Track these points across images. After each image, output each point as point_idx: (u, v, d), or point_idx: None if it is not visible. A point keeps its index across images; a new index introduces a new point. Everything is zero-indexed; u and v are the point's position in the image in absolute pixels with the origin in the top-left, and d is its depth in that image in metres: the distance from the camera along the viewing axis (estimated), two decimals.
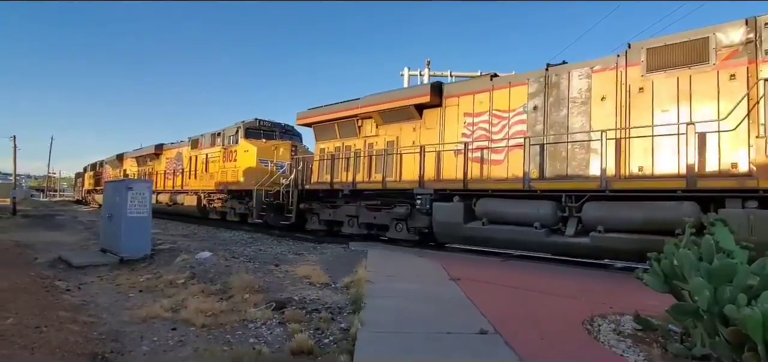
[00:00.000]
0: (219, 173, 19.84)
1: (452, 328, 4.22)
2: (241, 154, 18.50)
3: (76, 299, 6.57)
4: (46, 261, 9.71)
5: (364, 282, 6.38)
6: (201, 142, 22.01)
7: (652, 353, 3.64)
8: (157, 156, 27.38)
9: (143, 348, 4.52)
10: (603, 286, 6.72)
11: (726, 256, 3.60)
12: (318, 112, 15.17)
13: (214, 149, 20.58)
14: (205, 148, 21.49)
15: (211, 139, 20.98)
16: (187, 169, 22.95)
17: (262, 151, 18.00)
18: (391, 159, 12.58)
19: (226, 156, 19.50)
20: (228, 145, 19.41)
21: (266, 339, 4.61)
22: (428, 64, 22.49)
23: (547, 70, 9.87)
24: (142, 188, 10.57)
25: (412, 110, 12.16)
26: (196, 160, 22.21)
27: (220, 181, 19.57)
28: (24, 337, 4.30)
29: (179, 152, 24.73)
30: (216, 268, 8.02)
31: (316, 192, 14.76)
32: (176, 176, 24.33)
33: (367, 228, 13.15)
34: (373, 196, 12.84)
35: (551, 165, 9.57)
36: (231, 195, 18.82)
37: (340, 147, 14.48)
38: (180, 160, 24.42)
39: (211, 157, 20.85)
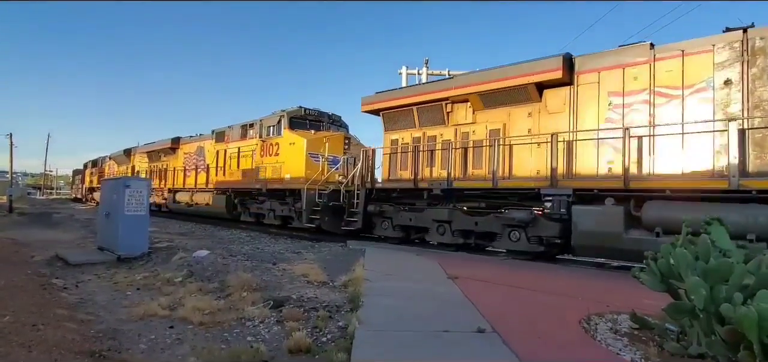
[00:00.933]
0: (254, 169, 17.14)
1: (450, 327, 4.23)
2: (285, 147, 15.71)
3: (74, 297, 6.56)
4: (43, 260, 9.69)
5: (362, 280, 6.38)
6: (229, 134, 19.40)
7: (649, 352, 3.66)
8: (173, 150, 24.61)
9: (141, 346, 4.52)
10: (600, 285, 6.74)
11: (722, 255, 3.62)
12: (390, 97, 12.89)
13: (248, 142, 17.92)
14: (235, 141, 18.79)
15: (242, 131, 18.45)
16: (212, 164, 20.21)
17: (313, 144, 15.03)
18: (498, 151, 10.07)
19: (264, 149, 16.70)
20: (267, 136, 16.58)
21: (264, 337, 4.62)
22: (426, 63, 22.49)
23: (745, 32, 7.67)
24: (139, 186, 10.56)
25: (530, 90, 9.84)
26: (224, 155, 19.35)
27: (257, 178, 16.82)
28: (21, 335, 4.29)
29: (200, 146, 21.89)
30: (213, 266, 8.01)
31: (388, 191, 12.53)
32: (198, 173, 21.49)
33: (463, 236, 10.83)
34: (476, 197, 10.56)
35: (761, 156, 7.33)
36: (270, 195, 16.35)
37: (420, 137, 12.18)
38: (202, 154, 21.62)
39: (243, 151, 18.14)
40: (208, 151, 21.07)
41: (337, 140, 15.65)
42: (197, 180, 21.55)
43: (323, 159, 14.82)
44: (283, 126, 15.97)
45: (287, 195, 15.46)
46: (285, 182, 15.47)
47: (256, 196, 17.22)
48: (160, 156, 26.49)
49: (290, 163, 15.34)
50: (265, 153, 16.73)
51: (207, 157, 21.06)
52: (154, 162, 27.45)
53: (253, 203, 17.53)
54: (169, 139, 24.87)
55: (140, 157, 29.41)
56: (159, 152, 26.45)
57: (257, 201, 17.26)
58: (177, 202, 23.11)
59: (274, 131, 16.43)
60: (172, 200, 23.55)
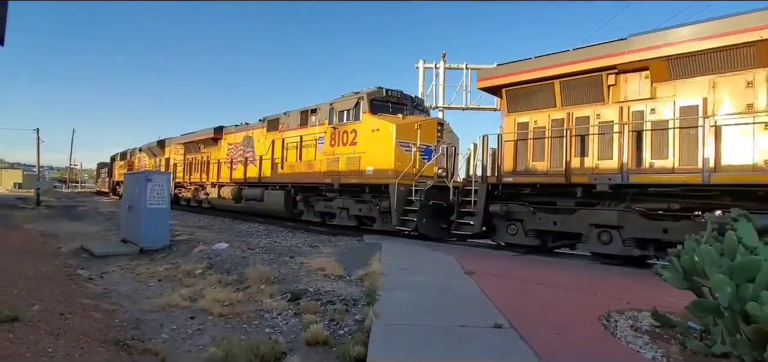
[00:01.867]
0: (323, 161, 14.61)
1: (466, 322, 4.22)
2: (365, 134, 13.19)
3: (98, 287, 6.76)
4: (69, 251, 10.00)
5: (378, 274, 6.41)
6: (284, 121, 17.02)
7: (671, 350, 3.59)
8: (215, 141, 22.12)
9: (163, 335, 4.64)
10: (620, 282, 6.63)
11: (749, 253, 3.51)
12: (518, 69, 10.21)
13: (311, 130, 15.44)
14: (293, 129, 16.36)
15: (301, 117, 16.03)
16: (266, 156, 17.66)
17: (403, 131, 12.43)
18: (705, 134, 7.51)
19: (335, 138, 14.16)
20: (340, 122, 14.02)
21: (282, 329, 4.69)
22: (444, 57, 22.31)
23: None
24: (161, 180, 10.80)
25: (757, 50, 7.30)
26: (282, 145, 16.81)
27: (327, 170, 14.32)
28: (49, 323, 4.44)
29: (248, 136, 19.50)
30: (232, 259, 8.15)
31: (519, 187, 9.94)
32: (248, 165, 18.99)
33: (640, 246, 8.36)
34: (663, 196, 8.13)
35: None
36: (343, 191, 13.92)
37: (563, 119, 9.57)
38: (250, 145, 19.22)
39: (305, 141, 15.63)
40: (257, 141, 18.66)
41: (430, 126, 13.05)
42: (247, 173, 18.97)
43: (415, 148, 12.32)
44: (361, 110, 13.31)
45: (367, 192, 13.11)
46: (365, 176, 12.95)
47: (324, 192, 14.80)
48: (199, 147, 24.08)
49: (373, 153, 12.78)
50: (336, 141, 14.11)
51: (257, 148, 18.60)
52: (191, 153, 25.19)
53: (318, 200, 15.09)
54: (211, 129, 22.27)
55: (175, 149, 27.42)
56: (198, 143, 23.99)
57: (325, 198, 14.80)
58: (222, 198, 20.63)
59: (349, 116, 13.74)
60: (217, 195, 21.15)
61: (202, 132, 23.57)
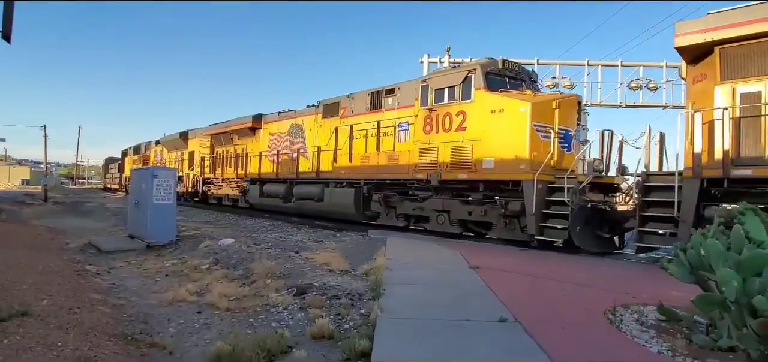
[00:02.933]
0: (412, 151, 11.90)
1: (472, 316, 4.23)
2: (481, 116, 10.34)
3: (106, 282, 6.84)
4: (77, 246, 10.11)
5: (383, 269, 6.43)
6: (347, 105, 14.38)
7: (677, 344, 3.59)
8: (252, 131, 19.50)
9: (170, 330, 4.69)
10: (626, 276, 6.62)
11: (756, 247, 3.49)
12: (753, 16, 7.04)
13: (391, 114, 12.76)
14: (362, 114, 13.70)
15: (372, 99, 13.44)
16: (325, 146, 14.97)
17: (539, 111, 9.68)
18: None
19: (432, 122, 11.47)
20: (438, 103, 11.28)
21: (288, 323, 4.72)
22: (448, 51, 22.22)
23: None
24: (167, 176, 10.89)
25: None
26: (349, 134, 13.99)
27: (418, 163, 11.69)
28: (59, 318, 4.50)
29: (296, 124, 16.91)
30: (238, 254, 8.21)
31: (754, 184, 6.97)
32: (299, 157, 16.34)
33: None
34: None
35: None
36: (441, 189, 11.29)
37: None
38: (299, 134, 16.69)
39: (384, 127, 12.85)
40: (310, 130, 16.06)
41: (569, 105, 10.27)
42: (298, 167, 16.33)
43: (554, 134, 9.60)
44: (472, 86, 10.61)
45: (480, 190, 10.57)
46: (481, 170, 10.26)
47: (414, 191, 12.16)
48: (231, 138, 21.34)
49: (494, 141, 10.06)
50: (433, 127, 11.39)
51: (309, 138, 16.07)
52: (222, 146, 22.41)
53: (403, 200, 12.52)
54: (248, 117, 19.62)
55: (201, 141, 24.68)
56: (231, 134, 21.26)
57: (413, 197, 12.18)
58: (266, 197, 17.90)
59: (452, 95, 10.97)
60: (258, 194, 18.38)
61: (237, 121, 20.71)
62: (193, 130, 26.39)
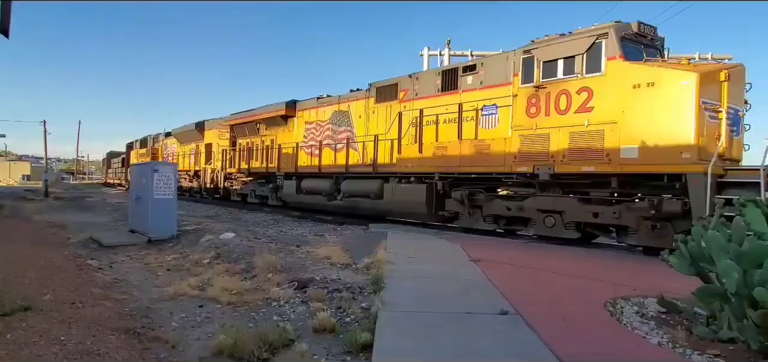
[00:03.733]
0: (510, 139, 9.83)
1: (473, 309, 4.24)
2: (616, 92, 8.35)
3: (108, 277, 6.86)
4: (79, 241, 10.13)
5: (384, 263, 6.44)
6: (410, 87, 12.42)
7: (677, 336, 3.60)
8: (284, 120, 17.55)
9: (173, 324, 4.70)
10: (626, 268, 6.63)
11: (757, 239, 3.50)
12: None
13: (473, 94, 10.77)
14: (433, 96, 11.72)
15: (444, 78, 11.53)
16: (387, 135, 12.92)
17: (706, 83, 7.71)
18: None
19: (540, 102, 9.33)
20: (549, 78, 9.20)
21: (289, 317, 4.74)
22: (448, 44, 22.16)
23: None
24: (167, 170, 10.90)
25: None
26: (419, 120, 11.93)
27: (519, 152, 9.63)
28: (61, 312, 4.52)
29: (340, 110, 14.93)
30: (240, 249, 8.22)
31: None
32: (349, 149, 14.23)
33: None
34: None
35: None
36: (551, 184, 9.37)
37: None
38: (345, 122, 14.66)
39: (466, 111, 10.86)
40: (358, 117, 14.11)
41: (739, 77, 8.34)
42: (348, 159, 14.20)
43: (723, 114, 7.81)
44: (603, 54, 8.54)
45: (612, 185, 8.52)
46: (619, 160, 8.22)
47: (512, 187, 10.27)
48: (257, 128, 19.32)
49: (640, 123, 8.02)
50: (542, 108, 9.29)
51: (357, 126, 14.15)
52: (246, 137, 20.32)
53: (493, 198, 10.59)
54: (281, 104, 17.58)
55: (219, 132, 22.63)
56: (257, 123, 19.23)
57: (510, 195, 10.34)
58: (304, 193, 16.07)
59: (576, 66, 8.83)
60: (295, 190, 16.45)
61: (265, 109, 18.59)
62: (211, 121, 24.12)
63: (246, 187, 20.36)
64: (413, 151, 12.05)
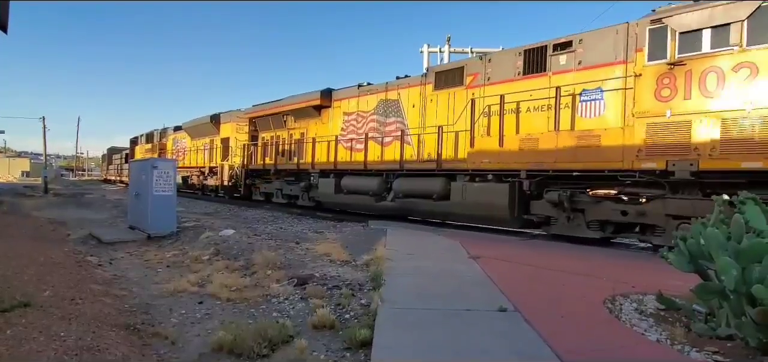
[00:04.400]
0: (630, 128, 8.15)
1: (472, 305, 4.26)
2: None
3: (108, 273, 6.87)
4: (78, 238, 10.14)
5: (383, 259, 6.45)
6: (479, 71, 10.81)
7: (675, 333, 3.61)
8: (317, 111, 15.75)
9: (172, 320, 4.71)
10: (624, 266, 6.64)
11: (756, 236, 3.50)
12: None
13: (567, 76, 9.15)
14: (509, 80, 10.10)
15: (526, 59, 9.81)
16: (453, 126, 11.08)
17: None
18: None
19: (675, 82, 7.70)
20: (692, 52, 7.57)
21: (289, 313, 4.75)
22: (448, 40, 22.15)
23: None
24: (167, 167, 10.88)
25: None
26: (500, 106, 10.02)
27: (644, 144, 7.95)
28: (61, 308, 4.53)
29: (388, 99, 13.22)
30: (239, 245, 8.23)
31: None
32: (403, 143, 12.37)
33: None
34: None
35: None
36: (690, 183, 7.65)
37: None
38: (394, 112, 12.98)
39: (561, 97, 9.09)
40: (412, 106, 12.42)
41: None
42: (402, 153, 12.36)
43: None
44: None
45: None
46: None
47: (631, 187, 8.24)
48: (284, 121, 17.58)
49: None
50: (680, 90, 7.66)
51: (410, 116, 12.49)
52: (271, 131, 18.46)
53: (601, 201, 8.65)
54: (315, 93, 15.69)
55: (238, 126, 21.08)
56: (284, 115, 17.48)
57: (626, 197, 8.29)
58: (345, 193, 14.16)
59: (731, 37, 7.30)
60: (333, 189, 14.52)
61: (294, 99, 16.86)
62: (227, 113, 22.33)
63: (271, 186, 18.46)
64: (491, 143, 10.23)
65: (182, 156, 26.90)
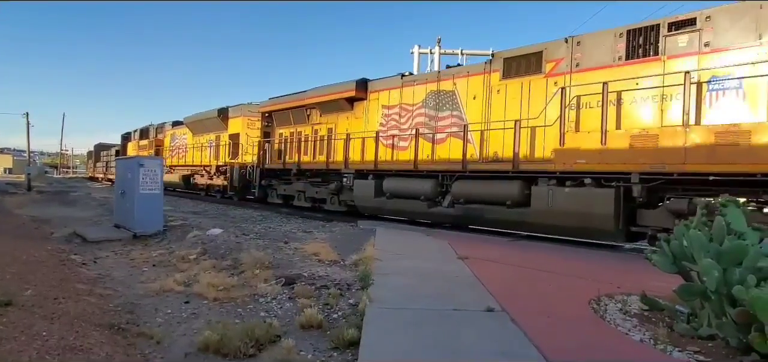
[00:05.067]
0: None
1: (459, 305, 4.28)
2: None
3: (92, 272, 6.75)
4: (62, 236, 9.95)
5: (372, 259, 6.45)
6: (563, 56, 9.39)
7: (658, 333, 3.67)
8: (350, 104, 14.12)
9: (158, 319, 4.66)
10: (611, 267, 6.73)
11: (737, 238, 3.58)
12: None
13: (683, 62, 7.88)
14: (605, 66, 8.71)
15: (630, 40, 8.47)
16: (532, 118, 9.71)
17: None
18: None
19: None
20: None
21: (276, 313, 4.72)
22: (439, 42, 22.26)
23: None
24: (153, 165, 10.74)
25: None
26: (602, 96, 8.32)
27: None
28: (44, 308, 4.45)
29: (440, 90, 11.60)
30: (227, 244, 8.16)
31: None
32: (465, 140, 10.69)
33: None
34: None
35: None
36: None
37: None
38: (449, 105, 11.40)
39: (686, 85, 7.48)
40: (473, 97, 10.86)
41: None
42: (465, 152, 10.67)
43: None
44: None
45: None
46: None
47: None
48: (307, 115, 16.02)
49: None
50: None
51: (469, 109, 10.92)
52: (290, 126, 16.84)
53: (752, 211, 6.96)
54: (350, 84, 13.91)
55: (249, 121, 19.64)
56: (307, 109, 15.92)
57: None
58: (390, 196, 12.30)
59: None
60: (372, 192, 12.76)
61: (321, 91, 15.16)
62: (237, 107, 20.63)
63: (291, 187, 16.59)
64: (588, 141, 8.55)
65: (182, 153, 25.26)
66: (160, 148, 27.66)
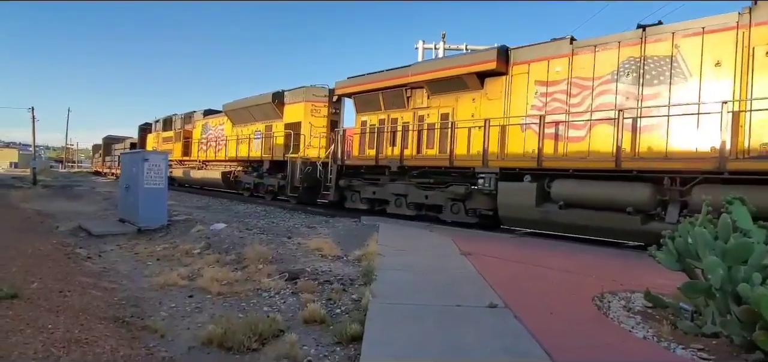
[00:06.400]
0: None
1: (462, 301, 4.28)
2: None
3: (97, 266, 6.80)
4: (67, 230, 10.02)
5: (375, 255, 6.46)
6: None
7: (662, 330, 3.65)
8: (479, 81, 10.88)
9: (162, 313, 4.68)
10: (614, 264, 6.70)
11: (743, 236, 3.56)
12: None
13: None
14: None
15: None
16: None
17: None
18: None
19: None
20: None
21: (280, 308, 4.74)
22: (443, 37, 22.13)
23: None
24: (158, 160, 10.78)
25: None
26: None
27: None
28: (49, 301, 4.48)
29: (651, 56, 8.32)
30: (230, 239, 8.19)
31: None
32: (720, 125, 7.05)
33: None
34: None
35: None
36: None
37: None
38: (660, 77, 8.16)
39: None
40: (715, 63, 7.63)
41: None
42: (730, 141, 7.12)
43: None
44: None
45: None
46: None
47: None
48: (406, 98, 12.63)
49: None
50: None
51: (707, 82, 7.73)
52: (380, 112, 13.43)
53: None
54: (490, 52, 10.76)
55: (312, 107, 16.58)
56: (406, 89, 12.60)
57: None
58: (559, 204, 8.86)
59: None
60: (534, 199, 9.34)
61: (434, 65, 12.52)
62: (295, 90, 17.33)
63: (384, 190, 12.96)
64: None
65: (216, 146, 21.74)
66: (188, 140, 24.13)
